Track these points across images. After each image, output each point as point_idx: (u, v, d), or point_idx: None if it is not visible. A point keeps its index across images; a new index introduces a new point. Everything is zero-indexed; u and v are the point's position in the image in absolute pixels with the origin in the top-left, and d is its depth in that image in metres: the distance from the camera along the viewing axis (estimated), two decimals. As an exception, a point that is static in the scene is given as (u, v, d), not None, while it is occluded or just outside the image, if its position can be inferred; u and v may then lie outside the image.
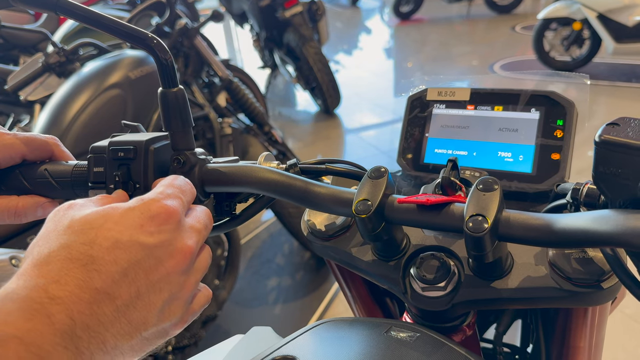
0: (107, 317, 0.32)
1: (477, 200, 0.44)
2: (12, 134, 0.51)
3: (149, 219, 0.36)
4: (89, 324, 0.31)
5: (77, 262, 0.32)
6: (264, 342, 0.60)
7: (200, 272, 0.40)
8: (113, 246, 0.34)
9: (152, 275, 0.35)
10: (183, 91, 0.48)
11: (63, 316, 0.30)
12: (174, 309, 0.37)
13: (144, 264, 0.34)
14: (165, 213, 0.37)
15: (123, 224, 0.35)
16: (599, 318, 0.59)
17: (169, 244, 0.36)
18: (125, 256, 0.34)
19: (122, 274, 0.33)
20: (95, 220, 0.35)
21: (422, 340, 0.46)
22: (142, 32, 0.47)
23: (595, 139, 0.40)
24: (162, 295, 0.35)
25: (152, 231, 0.35)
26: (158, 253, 0.35)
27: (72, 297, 0.31)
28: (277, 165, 0.56)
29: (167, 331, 0.37)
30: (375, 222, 0.47)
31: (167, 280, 0.36)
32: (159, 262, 0.35)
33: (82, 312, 0.31)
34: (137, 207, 0.36)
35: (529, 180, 0.62)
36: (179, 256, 0.37)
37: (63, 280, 0.31)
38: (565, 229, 0.40)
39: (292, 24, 4.05)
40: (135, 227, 0.35)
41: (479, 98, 0.67)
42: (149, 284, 0.34)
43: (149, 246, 0.35)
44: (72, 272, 0.32)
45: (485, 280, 0.51)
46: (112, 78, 1.67)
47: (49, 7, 0.46)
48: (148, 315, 0.34)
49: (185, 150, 0.50)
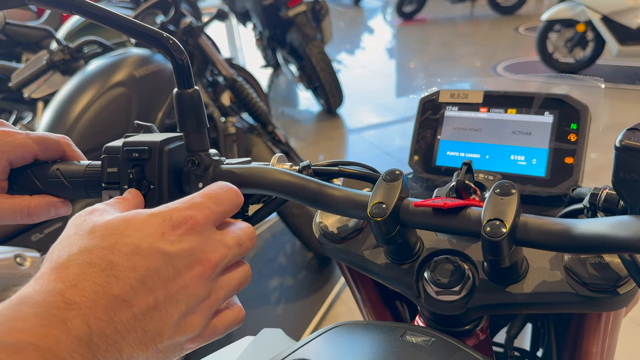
0: (123, 325, 0.31)
1: (494, 204, 0.43)
2: (25, 134, 0.51)
3: (170, 227, 0.35)
4: (106, 331, 0.30)
5: (96, 267, 0.32)
6: (275, 345, 0.59)
7: (227, 289, 0.38)
8: (133, 252, 0.33)
9: (171, 285, 0.34)
10: (198, 92, 0.48)
11: (79, 322, 0.29)
12: (191, 323, 0.35)
13: (162, 273, 0.33)
14: (188, 222, 0.36)
15: (144, 230, 0.34)
16: (612, 323, 0.58)
17: (188, 254, 0.35)
18: (144, 263, 0.33)
19: (140, 281, 0.32)
20: (117, 226, 0.34)
21: (438, 345, 0.45)
22: (157, 32, 0.46)
23: (616, 144, 0.39)
24: (180, 308, 0.34)
25: (173, 240, 0.35)
26: (177, 263, 0.34)
27: (89, 303, 0.30)
28: (290, 166, 0.56)
29: (182, 345, 0.36)
30: (390, 225, 0.47)
31: (185, 292, 0.34)
32: (177, 272, 0.34)
33: (99, 319, 0.30)
34: (159, 214, 0.36)
35: (542, 184, 0.61)
36: (198, 268, 0.35)
37: (81, 285, 0.30)
38: (584, 235, 0.40)
39: (296, 23, 4.05)
40: (157, 235, 0.34)
41: (492, 101, 0.66)
42: (167, 294, 0.33)
43: (169, 255, 0.34)
44: (91, 277, 0.31)
45: (500, 284, 0.51)
46: (116, 76, 1.67)
47: (64, 6, 0.46)
48: (164, 327, 0.33)
49: (199, 151, 0.50)
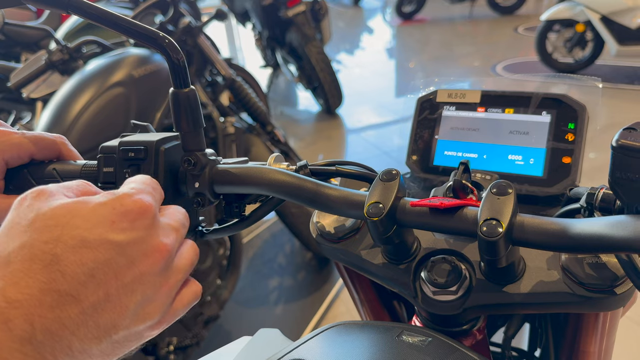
0: (72, 321, 0.30)
1: (491, 204, 0.43)
2: (20, 134, 0.51)
3: (121, 214, 0.33)
4: (51, 329, 0.29)
5: (40, 263, 0.30)
6: (272, 345, 0.59)
7: (183, 271, 0.37)
8: (79, 245, 0.31)
9: (123, 276, 0.32)
10: (195, 91, 0.48)
11: (21, 321, 0.28)
12: (149, 312, 0.34)
13: (113, 264, 0.32)
14: (139, 208, 0.34)
15: (92, 220, 0.32)
16: (610, 323, 0.58)
17: (142, 241, 0.34)
18: (92, 256, 0.31)
19: (88, 275, 0.31)
20: (61, 216, 0.32)
21: (434, 345, 0.45)
22: (153, 32, 0.46)
23: (613, 144, 0.39)
24: (135, 298, 0.33)
25: (124, 227, 0.33)
26: (130, 252, 0.33)
27: (33, 301, 0.29)
28: (287, 166, 0.55)
29: (142, 334, 0.35)
30: (387, 225, 0.47)
31: (141, 281, 0.33)
32: (131, 261, 0.33)
33: (44, 317, 0.29)
34: (108, 202, 0.34)
35: (539, 184, 0.61)
36: (155, 255, 0.34)
37: (23, 282, 0.29)
38: (580, 234, 0.40)
39: (295, 23, 4.05)
40: (105, 224, 0.32)
41: (490, 100, 0.66)
42: (119, 286, 0.32)
43: (120, 244, 0.32)
44: (34, 274, 0.29)
45: (497, 284, 0.50)
46: (115, 76, 1.67)
47: (60, 5, 0.46)
48: (118, 318, 0.32)
49: (196, 151, 0.50)
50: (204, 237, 0.56)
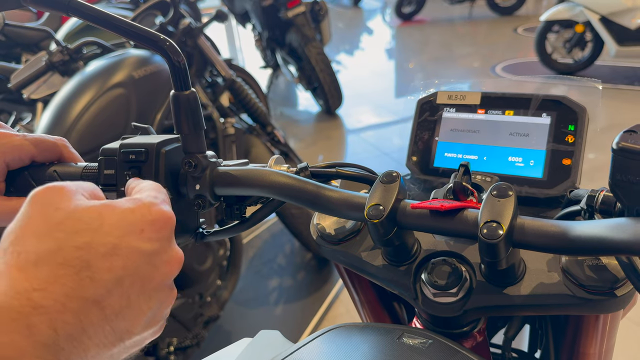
0: (92, 326, 0.30)
1: (491, 206, 0.43)
2: (22, 136, 0.51)
3: (149, 223, 0.34)
4: (73, 334, 0.29)
5: (71, 269, 0.29)
6: (273, 347, 0.59)
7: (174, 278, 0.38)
8: (110, 252, 0.31)
9: (147, 283, 0.33)
10: (195, 94, 0.48)
11: (45, 327, 0.27)
12: (158, 318, 0.35)
13: (139, 272, 0.32)
14: (165, 218, 0.35)
15: (123, 228, 0.32)
16: (610, 325, 0.58)
17: (164, 251, 0.35)
18: (122, 263, 0.31)
19: (116, 282, 0.31)
20: (92, 220, 0.32)
21: (435, 347, 0.45)
22: (154, 34, 0.46)
23: (613, 146, 0.39)
24: (151, 304, 0.34)
25: (151, 237, 0.34)
26: (154, 260, 0.34)
27: (58, 306, 0.28)
28: (287, 168, 0.56)
29: (146, 340, 0.35)
30: (388, 227, 0.47)
31: (158, 289, 0.34)
32: (154, 270, 0.34)
33: (67, 322, 0.28)
34: (136, 209, 0.34)
35: (539, 186, 0.61)
36: (173, 264, 0.35)
37: (50, 287, 0.28)
38: (581, 237, 0.40)
39: (295, 24, 4.05)
40: (135, 233, 0.33)
41: (490, 102, 0.66)
42: (140, 293, 0.33)
43: (148, 253, 0.33)
44: (62, 279, 0.29)
45: (498, 286, 0.51)
46: (115, 77, 1.67)
47: (60, 7, 0.46)
48: (134, 325, 0.33)
49: (196, 153, 0.50)
50: (204, 239, 0.56)
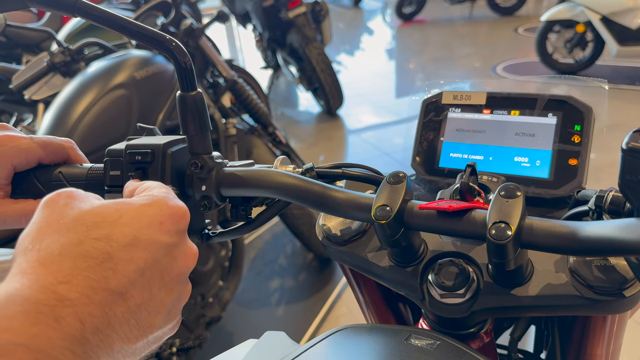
0: (117, 319, 0.30)
1: (499, 207, 0.43)
2: (29, 138, 0.50)
3: (167, 216, 0.35)
4: (99, 327, 0.29)
5: (92, 260, 0.30)
6: (279, 348, 0.59)
7: None
8: (131, 244, 0.32)
9: (167, 275, 0.34)
10: (201, 95, 0.48)
11: (72, 319, 0.28)
12: (177, 311, 0.36)
13: (160, 264, 0.33)
14: (181, 212, 0.37)
15: (142, 220, 0.33)
16: (617, 326, 0.58)
17: (181, 243, 0.36)
18: (143, 255, 0.32)
19: (138, 274, 0.32)
20: (108, 214, 0.33)
21: (443, 348, 0.45)
22: (160, 35, 0.46)
23: (622, 147, 0.39)
24: (172, 297, 0.35)
25: (169, 230, 0.35)
26: (173, 252, 0.35)
27: (83, 299, 0.28)
28: (293, 169, 0.55)
29: (164, 335, 0.36)
30: (395, 228, 0.46)
31: (178, 280, 0.35)
32: (174, 261, 0.35)
33: (93, 315, 0.29)
34: (153, 204, 0.35)
35: (546, 186, 0.61)
36: (190, 256, 0.37)
37: (75, 280, 0.29)
38: (590, 237, 0.40)
39: (296, 25, 4.05)
40: (155, 225, 0.34)
41: (495, 102, 0.66)
42: (161, 285, 0.33)
43: (167, 245, 0.34)
44: (85, 272, 0.29)
45: (505, 287, 0.50)
46: (117, 78, 1.67)
47: (66, 8, 0.45)
48: (156, 317, 0.33)
49: (202, 154, 0.50)
50: (210, 240, 0.56)
